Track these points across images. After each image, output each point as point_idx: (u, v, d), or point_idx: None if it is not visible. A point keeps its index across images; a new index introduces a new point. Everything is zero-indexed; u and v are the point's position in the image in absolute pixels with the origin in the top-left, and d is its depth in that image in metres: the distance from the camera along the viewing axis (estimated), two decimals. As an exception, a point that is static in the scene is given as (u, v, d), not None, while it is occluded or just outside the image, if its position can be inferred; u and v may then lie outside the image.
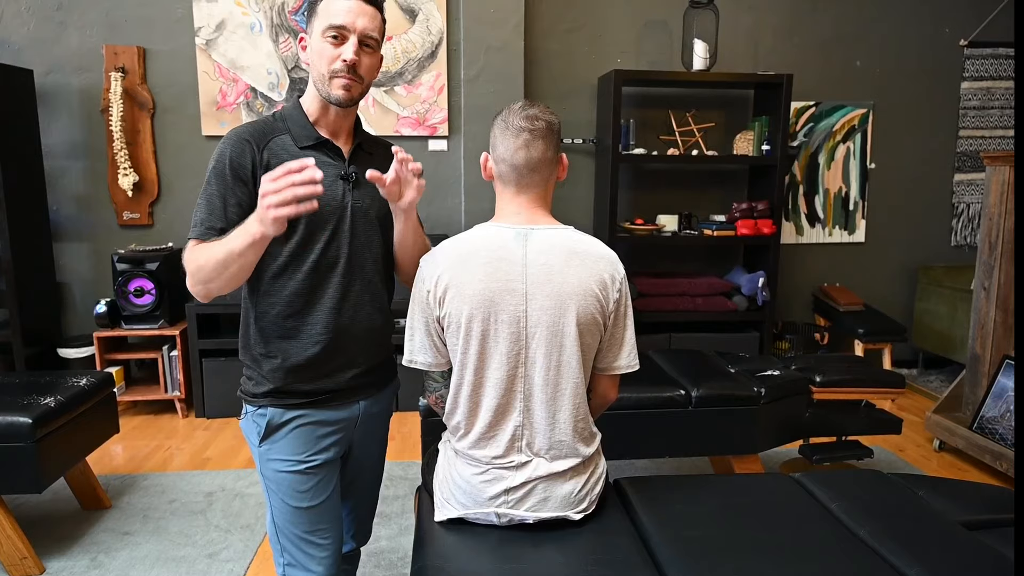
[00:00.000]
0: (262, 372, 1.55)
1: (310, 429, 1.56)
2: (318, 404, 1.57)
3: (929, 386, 4.40)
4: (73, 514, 2.82)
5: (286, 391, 1.54)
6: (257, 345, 1.56)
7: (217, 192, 1.47)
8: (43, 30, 3.92)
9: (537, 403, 1.56)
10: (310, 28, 1.51)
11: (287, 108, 1.58)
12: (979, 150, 4.71)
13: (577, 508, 1.61)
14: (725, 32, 4.24)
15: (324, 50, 1.47)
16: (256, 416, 1.56)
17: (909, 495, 1.89)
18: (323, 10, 1.48)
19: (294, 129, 1.53)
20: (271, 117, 1.57)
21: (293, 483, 1.55)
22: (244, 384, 1.60)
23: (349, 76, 1.47)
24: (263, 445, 1.56)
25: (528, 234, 1.55)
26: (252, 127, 1.53)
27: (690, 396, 2.62)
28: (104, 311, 3.77)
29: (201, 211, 1.47)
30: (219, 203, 1.46)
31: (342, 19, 1.46)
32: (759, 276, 4.19)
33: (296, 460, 1.55)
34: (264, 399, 1.55)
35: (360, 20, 1.47)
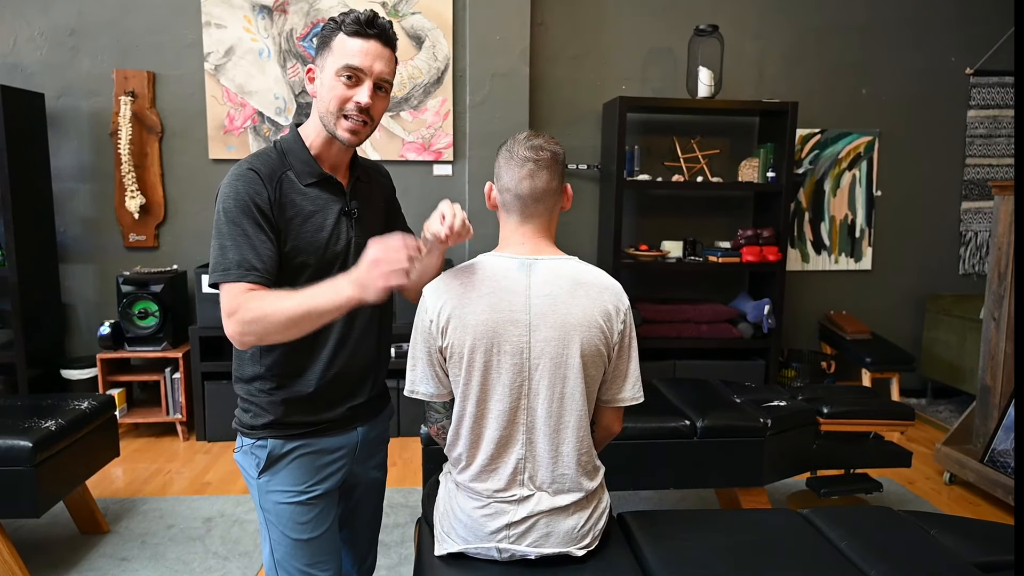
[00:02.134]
0: (261, 405, 1.52)
1: (311, 459, 1.54)
2: (318, 433, 1.54)
3: (938, 416, 4.35)
4: (71, 538, 2.79)
5: (287, 423, 1.52)
6: (257, 380, 1.53)
7: (247, 231, 1.39)
8: (55, 55, 3.96)
9: (540, 436, 1.53)
10: (321, 61, 1.47)
11: (287, 141, 1.52)
12: (986, 178, 4.70)
13: (580, 544, 1.58)
14: (730, 59, 4.26)
15: (336, 88, 1.43)
16: (255, 448, 1.53)
17: (921, 534, 1.85)
18: (339, 47, 1.43)
19: (296, 165, 1.49)
20: (273, 152, 1.51)
21: (294, 515, 1.53)
22: (241, 416, 1.57)
23: (360, 120, 1.45)
24: (262, 477, 1.53)
25: (532, 264, 1.54)
26: (262, 164, 1.46)
27: (695, 427, 2.59)
28: (108, 333, 3.77)
29: (231, 252, 1.38)
30: (252, 242, 1.39)
31: (359, 61, 1.43)
32: (764, 303, 4.16)
33: (297, 491, 1.53)
34: (264, 431, 1.52)
35: (377, 64, 1.44)
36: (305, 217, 1.47)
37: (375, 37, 1.44)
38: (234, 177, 1.43)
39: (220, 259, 1.39)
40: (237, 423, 1.58)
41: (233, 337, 1.39)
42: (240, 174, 1.43)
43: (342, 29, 1.44)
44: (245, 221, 1.40)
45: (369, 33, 1.43)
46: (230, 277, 1.37)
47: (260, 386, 1.52)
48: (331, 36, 1.45)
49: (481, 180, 4.08)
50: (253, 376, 1.53)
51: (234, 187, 1.42)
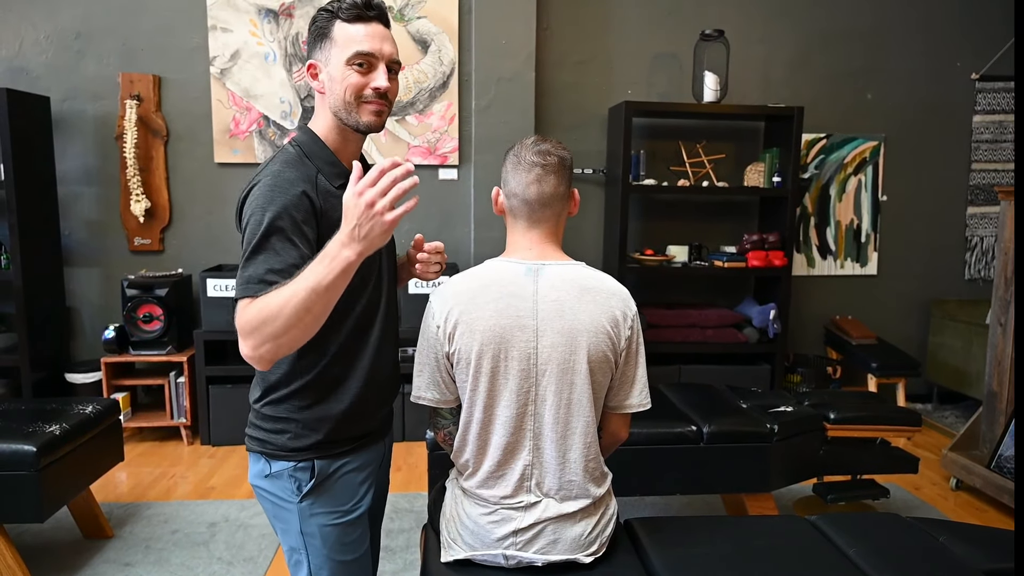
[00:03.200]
0: (303, 423, 1.42)
1: (354, 475, 1.48)
2: (362, 447, 1.50)
3: (944, 422, 4.33)
4: (74, 543, 2.78)
5: (337, 439, 1.44)
6: (294, 398, 1.42)
7: (279, 248, 1.27)
8: (61, 58, 3.97)
9: (547, 442, 1.53)
10: (323, 54, 1.39)
11: (304, 142, 1.43)
12: (992, 183, 4.68)
13: (587, 551, 1.57)
14: (736, 64, 4.25)
15: (349, 78, 1.36)
16: (296, 471, 1.43)
17: (930, 541, 1.84)
18: (341, 36, 1.37)
19: (323, 168, 1.40)
20: (295, 153, 1.40)
21: (341, 535, 1.46)
22: (269, 440, 1.44)
23: (381, 102, 1.40)
24: (305, 501, 1.43)
25: (539, 270, 1.53)
26: (294, 168, 1.36)
27: (701, 432, 2.57)
28: (112, 336, 3.77)
29: (258, 267, 1.25)
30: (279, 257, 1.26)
31: (369, 46, 1.37)
32: (770, 308, 4.15)
33: (343, 511, 1.46)
34: (310, 452, 1.43)
35: (386, 46, 1.39)
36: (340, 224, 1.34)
37: (376, 19, 1.39)
38: (273, 186, 1.31)
39: (246, 268, 1.27)
40: (262, 446, 1.45)
41: (250, 357, 1.24)
42: (280, 185, 1.31)
43: (339, 16, 1.37)
44: (281, 238, 1.27)
45: (370, 15, 1.38)
46: (249, 291, 1.24)
47: (299, 403, 1.42)
48: (328, 26, 1.38)
49: (487, 184, 4.08)
50: (289, 393, 1.41)
51: (272, 195, 1.30)
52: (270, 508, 1.48)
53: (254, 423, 1.47)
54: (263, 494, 1.47)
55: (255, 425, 1.47)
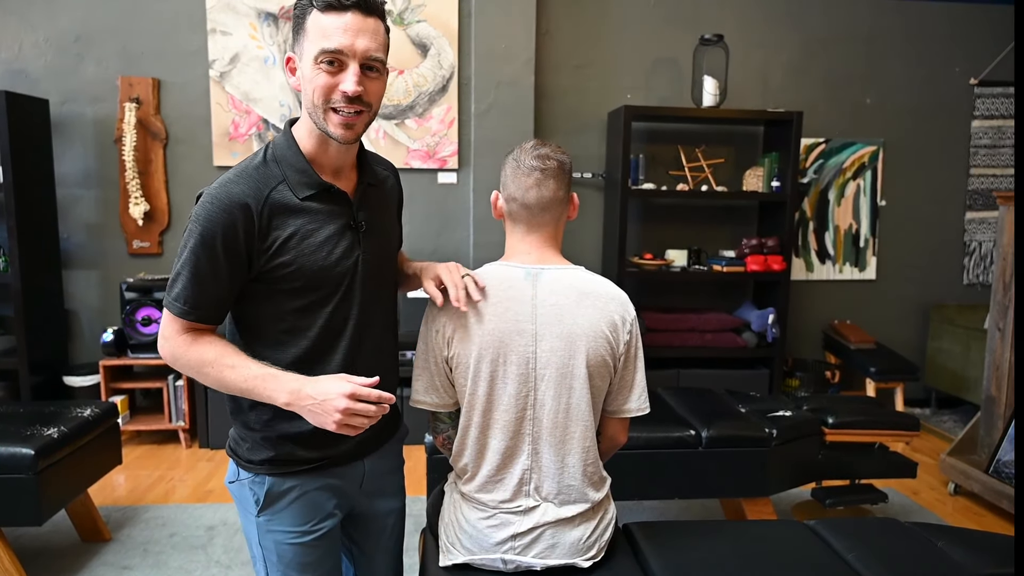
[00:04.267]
0: (257, 440, 1.38)
1: (314, 496, 1.41)
2: (320, 470, 1.41)
3: (943, 426, 4.33)
4: (72, 546, 2.77)
5: (287, 459, 1.38)
6: (252, 411, 1.38)
7: (201, 265, 1.26)
8: (60, 61, 3.97)
9: (546, 446, 1.53)
10: (299, 47, 1.26)
11: (279, 146, 1.33)
12: (990, 188, 4.69)
13: (586, 556, 1.57)
14: (735, 69, 4.26)
15: (317, 78, 1.23)
16: (253, 484, 1.39)
17: (928, 545, 1.84)
18: (313, 28, 1.22)
19: (291, 176, 1.30)
20: (262, 159, 1.32)
21: (297, 555, 1.41)
22: (236, 446, 1.42)
23: (351, 111, 1.25)
24: (262, 516, 1.40)
25: (538, 274, 1.54)
26: (246, 179, 1.28)
27: (700, 437, 2.57)
28: (111, 340, 3.76)
29: (181, 283, 1.28)
30: (203, 280, 1.27)
31: (337, 41, 1.21)
32: (769, 312, 4.15)
33: (300, 531, 1.40)
34: (261, 467, 1.38)
35: (360, 40, 1.22)
36: (303, 236, 1.30)
37: (353, 7, 1.21)
38: (211, 201, 1.26)
39: (172, 283, 1.30)
40: (231, 451, 1.44)
41: (166, 360, 1.34)
42: (215, 198, 1.26)
43: (314, 4, 1.22)
44: (204, 255, 1.25)
45: (345, 4, 1.21)
46: (174, 309, 1.29)
47: (257, 418, 1.37)
48: (304, 15, 1.24)
49: (486, 188, 4.09)
50: (252, 406, 1.37)
51: (207, 212, 1.25)
52: (239, 511, 1.47)
53: (232, 426, 1.47)
54: (234, 496, 1.47)
55: (232, 428, 1.47)
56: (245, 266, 1.29)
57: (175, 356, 1.33)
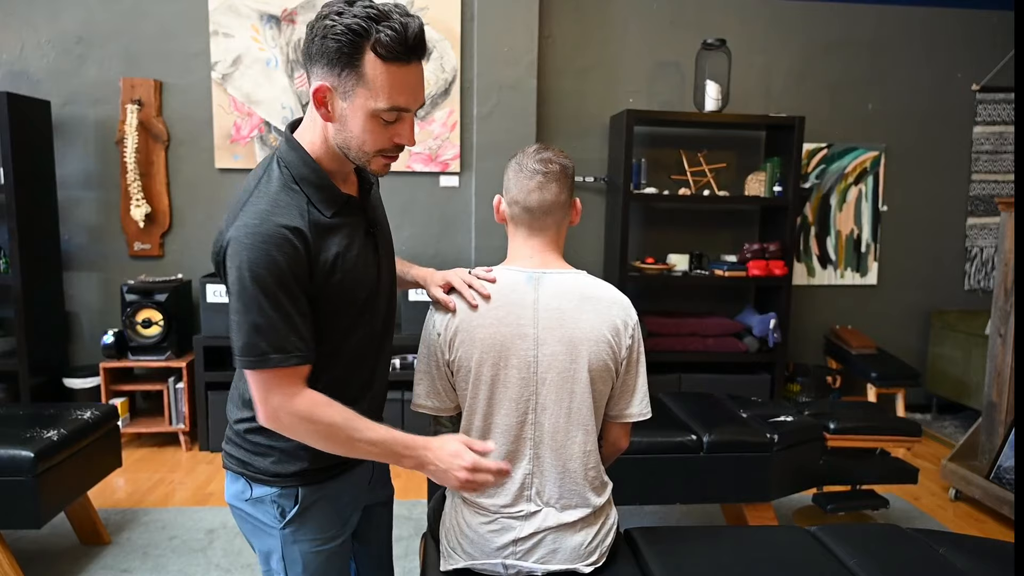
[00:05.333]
0: (288, 451, 1.33)
1: (338, 500, 1.42)
2: (345, 472, 1.41)
3: (943, 432, 4.32)
4: (71, 549, 2.77)
5: (322, 468, 1.35)
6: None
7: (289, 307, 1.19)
8: (62, 62, 3.98)
9: (547, 451, 1.52)
10: (342, 86, 1.17)
11: (293, 162, 1.26)
12: (992, 194, 4.69)
13: (587, 561, 1.56)
14: (737, 73, 4.26)
15: (375, 131, 1.20)
16: (280, 497, 1.35)
17: (930, 552, 1.83)
18: (376, 77, 1.15)
19: (314, 195, 1.25)
20: (283, 183, 1.24)
21: (324, 561, 1.40)
22: (257, 462, 1.35)
23: (397, 153, 1.27)
24: (288, 528, 1.36)
25: (540, 278, 1.53)
26: (283, 207, 1.21)
27: (701, 441, 2.57)
28: (112, 342, 3.76)
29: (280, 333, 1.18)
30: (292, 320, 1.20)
31: (405, 100, 1.19)
32: (770, 317, 4.15)
33: (327, 537, 1.40)
34: (294, 479, 1.34)
35: (420, 93, 1.22)
36: (343, 253, 1.27)
37: (416, 58, 1.18)
38: (264, 239, 1.17)
39: (255, 342, 1.18)
40: (241, 466, 1.37)
41: (274, 423, 1.23)
42: (272, 236, 1.17)
43: (375, 50, 1.14)
44: (284, 294, 1.18)
45: (410, 56, 1.17)
46: (269, 363, 1.18)
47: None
48: (357, 55, 1.14)
49: (488, 191, 4.09)
50: None
51: (267, 251, 1.16)
52: (249, 529, 1.42)
53: (234, 441, 1.38)
54: (242, 515, 1.41)
55: (235, 444, 1.38)
56: (308, 290, 1.24)
57: (300, 419, 1.22)
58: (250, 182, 1.28)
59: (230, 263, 1.19)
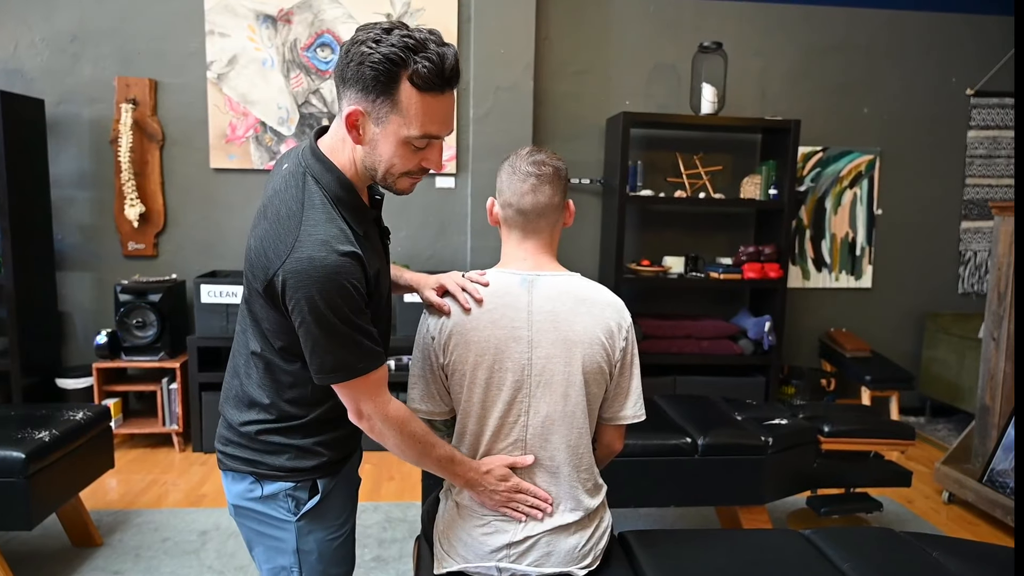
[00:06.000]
0: (306, 448, 1.37)
1: (346, 486, 1.48)
2: (349, 458, 1.49)
3: (937, 435, 4.33)
4: (62, 551, 2.75)
5: (340, 459, 1.44)
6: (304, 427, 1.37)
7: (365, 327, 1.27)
8: (56, 61, 3.96)
9: (541, 453, 1.52)
10: (376, 111, 1.20)
11: (329, 183, 1.27)
12: (986, 198, 4.71)
13: (581, 564, 1.56)
14: (733, 77, 4.27)
15: (406, 156, 1.24)
16: (295, 491, 1.38)
17: (924, 556, 1.83)
18: (410, 107, 1.19)
19: (348, 215, 1.28)
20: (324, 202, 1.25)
21: (338, 548, 1.45)
22: (270, 460, 1.37)
23: (422, 175, 1.31)
24: (303, 520, 1.40)
25: (534, 280, 1.53)
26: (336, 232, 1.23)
27: (696, 444, 2.57)
28: (105, 342, 3.74)
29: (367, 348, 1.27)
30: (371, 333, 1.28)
31: (438, 128, 1.23)
32: (765, 320, 4.15)
33: (339, 523, 1.46)
34: (312, 472, 1.39)
35: (451, 122, 1.26)
36: (379, 268, 1.34)
37: (449, 87, 1.22)
38: (333, 272, 1.20)
39: (340, 360, 1.25)
40: (252, 466, 1.38)
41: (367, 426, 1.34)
42: (339, 267, 1.20)
43: (412, 79, 1.17)
44: (357, 316, 1.25)
45: (444, 86, 1.21)
46: (357, 373, 1.27)
47: (307, 430, 1.38)
48: (393, 85, 1.17)
49: (484, 193, 4.08)
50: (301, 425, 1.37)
51: (337, 283, 1.20)
52: (255, 526, 1.42)
53: (237, 443, 1.39)
54: (250, 514, 1.41)
55: (239, 444, 1.39)
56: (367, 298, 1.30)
57: (396, 426, 1.35)
58: (291, 205, 1.25)
59: (299, 294, 1.20)
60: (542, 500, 1.50)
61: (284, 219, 1.24)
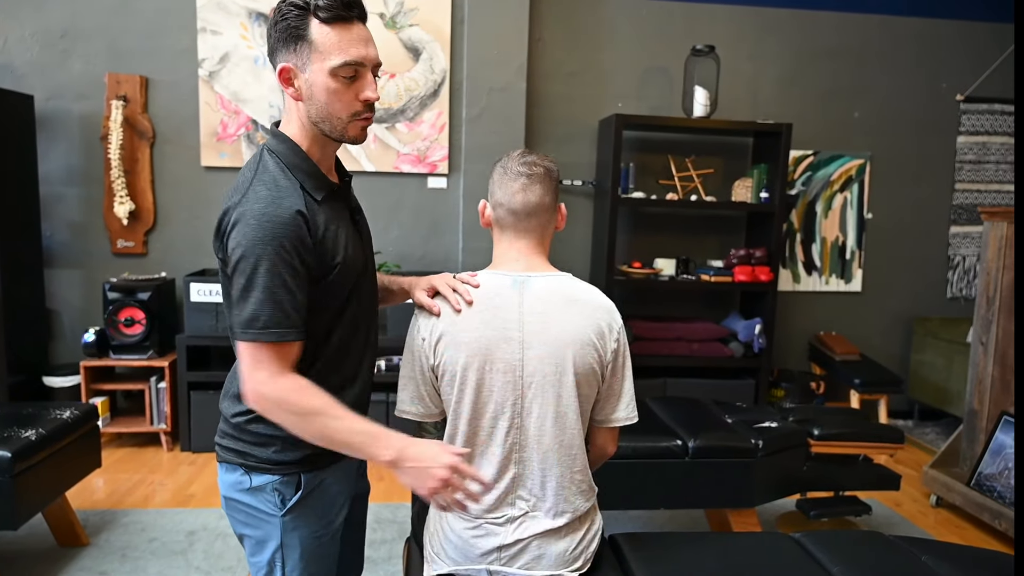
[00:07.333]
0: (290, 438, 1.32)
1: (335, 485, 1.45)
2: (342, 458, 1.41)
3: (925, 439, 4.36)
4: (48, 551, 2.73)
5: (325, 452, 1.35)
6: None
7: (290, 283, 1.24)
8: (46, 57, 3.93)
9: (532, 454, 1.52)
10: (298, 59, 1.26)
11: (283, 152, 1.33)
12: (975, 203, 4.74)
13: (572, 567, 1.56)
14: (726, 80, 4.28)
15: (337, 91, 1.26)
16: (281, 484, 1.37)
17: (913, 560, 1.84)
18: (323, 40, 1.24)
19: (305, 181, 1.32)
20: (277, 168, 1.31)
21: (321, 546, 1.43)
22: (257, 452, 1.37)
23: (370, 114, 1.32)
24: (289, 515, 1.38)
25: (525, 281, 1.53)
26: (285, 191, 1.28)
27: (687, 447, 2.57)
28: (93, 340, 3.71)
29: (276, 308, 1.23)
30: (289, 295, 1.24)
31: (356, 53, 1.25)
32: (755, 323, 4.17)
33: (326, 521, 1.44)
34: (297, 465, 1.37)
35: (371, 49, 1.28)
36: (336, 235, 1.33)
37: (357, 18, 1.26)
38: (270, 219, 1.23)
39: (254, 316, 1.23)
40: (242, 458, 1.38)
41: (255, 400, 1.26)
42: (277, 216, 1.24)
43: (316, 15, 1.23)
44: (286, 270, 1.24)
45: (351, 15, 1.25)
46: (270, 336, 1.23)
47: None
48: (302, 26, 1.24)
49: (476, 194, 4.07)
50: None
51: (272, 229, 1.23)
52: (244, 519, 1.42)
53: (230, 434, 1.39)
54: (239, 507, 1.41)
55: (232, 436, 1.39)
56: (311, 273, 1.29)
57: (280, 399, 1.26)
58: (247, 173, 1.33)
59: (234, 242, 1.25)
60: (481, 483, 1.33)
61: (240, 184, 1.31)
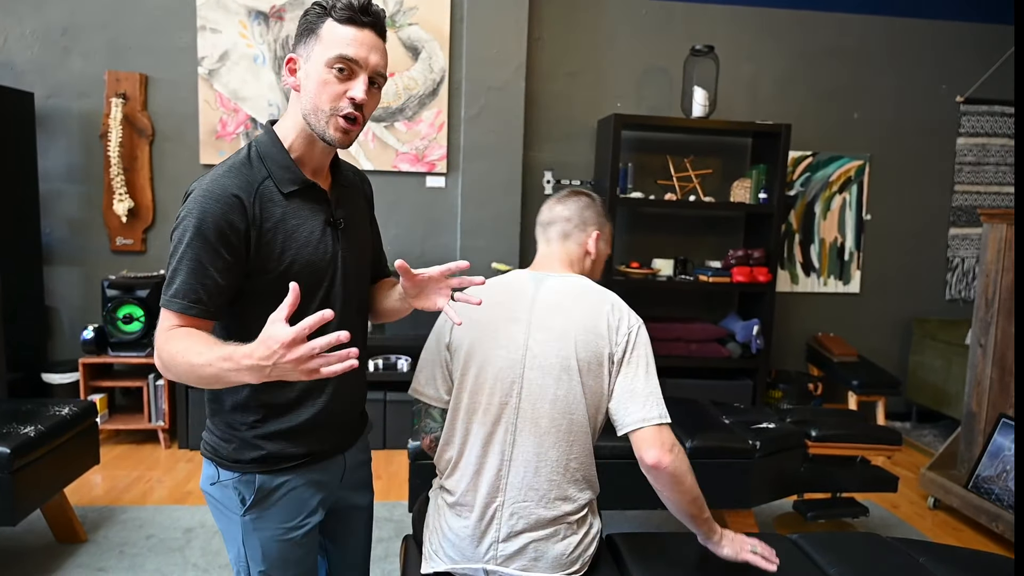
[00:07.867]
0: (246, 437, 1.36)
1: (300, 492, 1.41)
2: (309, 464, 1.41)
3: (923, 441, 4.36)
4: (46, 547, 2.73)
5: (278, 456, 1.37)
6: (239, 412, 1.36)
7: (205, 260, 1.24)
8: (46, 54, 3.92)
9: (527, 437, 1.54)
10: (306, 50, 1.30)
11: (262, 142, 1.35)
12: (974, 205, 4.74)
13: (569, 570, 1.56)
14: (725, 80, 4.28)
15: (328, 82, 1.28)
16: (240, 483, 1.37)
17: (910, 562, 1.84)
18: (329, 35, 1.28)
19: (276, 172, 1.33)
20: (247, 157, 1.34)
21: (283, 552, 1.40)
22: (218, 447, 1.39)
23: (352, 118, 1.30)
24: (248, 515, 1.38)
25: (544, 279, 1.64)
26: (235, 174, 1.30)
27: (684, 447, 2.57)
28: (91, 337, 3.71)
29: (186, 280, 1.24)
30: (205, 272, 1.25)
31: (354, 51, 1.27)
32: (753, 324, 4.17)
33: (287, 528, 1.40)
34: (251, 465, 1.37)
35: (373, 55, 1.30)
36: (291, 229, 1.32)
37: (370, 26, 1.30)
38: (205, 194, 1.26)
39: (169, 282, 1.26)
40: (211, 452, 1.40)
41: (157, 359, 1.25)
42: (208, 191, 1.27)
43: (331, 15, 1.28)
44: (203, 247, 1.24)
45: (364, 21, 1.28)
46: (173, 305, 1.24)
47: (243, 418, 1.37)
48: (318, 22, 1.29)
49: (474, 193, 4.07)
50: (235, 406, 1.36)
51: (202, 206, 1.25)
52: (217, 515, 1.44)
53: (208, 427, 1.43)
54: (211, 501, 1.43)
55: (208, 429, 1.43)
56: (243, 259, 1.29)
57: (159, 351, 1.24)
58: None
59: (179, 214, 1.30)
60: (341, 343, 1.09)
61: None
